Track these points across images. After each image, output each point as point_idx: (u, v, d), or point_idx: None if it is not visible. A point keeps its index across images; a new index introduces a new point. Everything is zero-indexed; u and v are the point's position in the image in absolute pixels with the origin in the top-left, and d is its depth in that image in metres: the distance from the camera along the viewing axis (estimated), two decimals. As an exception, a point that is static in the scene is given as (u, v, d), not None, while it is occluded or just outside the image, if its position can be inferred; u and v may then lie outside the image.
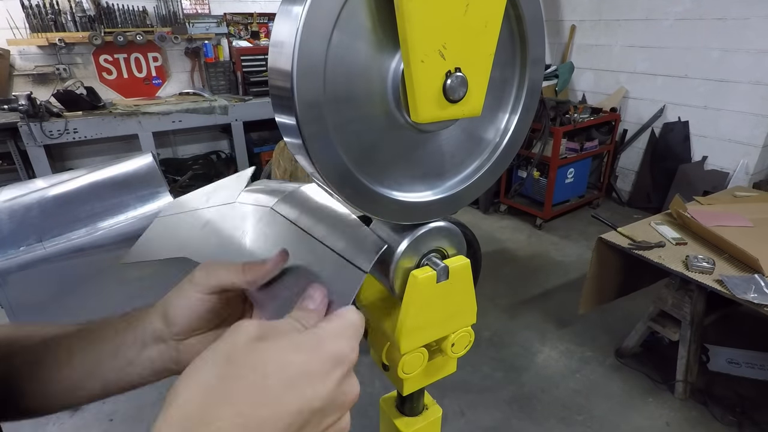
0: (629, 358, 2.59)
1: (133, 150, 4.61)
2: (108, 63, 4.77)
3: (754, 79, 3.60)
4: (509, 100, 0.81)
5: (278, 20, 0.60)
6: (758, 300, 1.82)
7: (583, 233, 4.10)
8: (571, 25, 4.87)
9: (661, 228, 2.43)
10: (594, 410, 2.28)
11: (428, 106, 0.63)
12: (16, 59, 4.38)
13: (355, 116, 0.65)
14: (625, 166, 4.76)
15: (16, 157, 4.04)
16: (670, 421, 2.21)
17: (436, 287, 0.80)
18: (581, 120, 4.12)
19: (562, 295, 3.22)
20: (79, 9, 4.37)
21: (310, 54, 0.56)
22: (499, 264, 3.65)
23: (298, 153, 0.66)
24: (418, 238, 0.81)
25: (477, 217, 4.53)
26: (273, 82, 0.62)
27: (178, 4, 4.78)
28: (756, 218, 2.38)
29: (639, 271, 2.51)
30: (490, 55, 0.66)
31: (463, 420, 2.24)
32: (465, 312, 0.89)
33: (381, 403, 1.12)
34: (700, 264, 2.05)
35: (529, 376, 2.50)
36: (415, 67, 0.60)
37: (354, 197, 0.70)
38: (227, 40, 5.20)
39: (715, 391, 2.34)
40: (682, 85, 4.09)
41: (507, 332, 2.85)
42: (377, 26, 0.61)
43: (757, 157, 3.71)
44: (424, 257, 0.83)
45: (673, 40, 4.06)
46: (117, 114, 4.20)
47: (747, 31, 3.57)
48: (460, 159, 0.81)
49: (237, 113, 4.73)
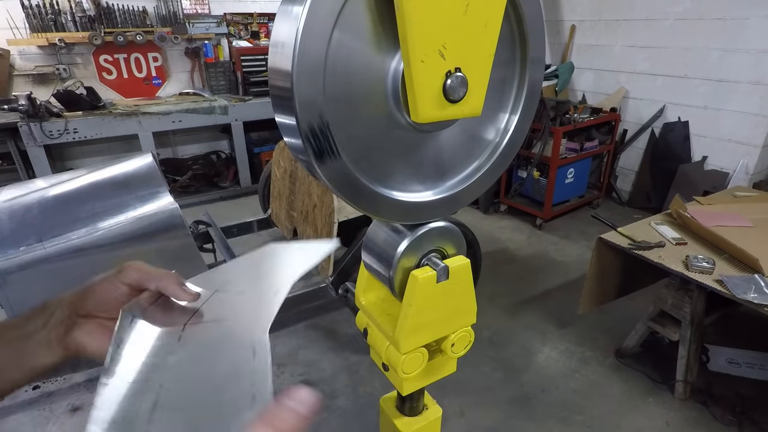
0: (629, 358, 2.59)
1: (133, 150, 4.61)
2: (108, 63, 4.77)
3: (754, 79, 3.60)
4: (509, 100, 0.81)
5: (278, 20, 0.60)
6: (758, 300, 1.82)
7: (583, 233, 4.10)
8: (571, 25, 4.87)
9: (661, 228, 2.43)
10: (594, 410, 2.28)
11: (428, 106, 0.63)
12: (16, 59, 4.39)
13: (354, 116, 0.65)
14: (625, 166, 4.76)
15: (16, 157, 4.04)
16: (670, 421, 2.21)
17: (436, 287, 0.80)
18: (581, 120, 4.12)
19: (562, 295, 3.22)
20: (79, 9, 4.38)
21: (310, 54, 0.56)
22: (499, 264, 3.65)
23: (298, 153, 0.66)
24: (418, 238, 0.81)
25: (477, 217, 4.53)
26: (273, 82, 0.62)
27: (178, 4, 4.78)
28: (756, 218, 2.38)
29: (639, 271, 2.51)
30: (490, 55, 0.66)
31: (463, 420, 2.24)
32: (465, 312, 0.89)
33: (381, 403, 1.13)
34: (700, 264, 2.05)
35: (529, 376, 2.50)
36: (415, 67, 0.60)
37: (354, 197, 0.71)
38: (227, 40, 5.21)
39: (715, 391, 2.34)
40: (682, 85, 4.09)
41: (507, 332, 2.85)
42: (377, 26, 0.61)
43: (757, 157, 3.71)
44: (424, 257, 0.84)
45: (673, 40, 4.06)
46: (117, 114, 4.20)
47: (747, 31, 3.57)
48: (460, 159, 0.82)
49: (237, 113, 4.73)
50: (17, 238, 1.90)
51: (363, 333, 0.98)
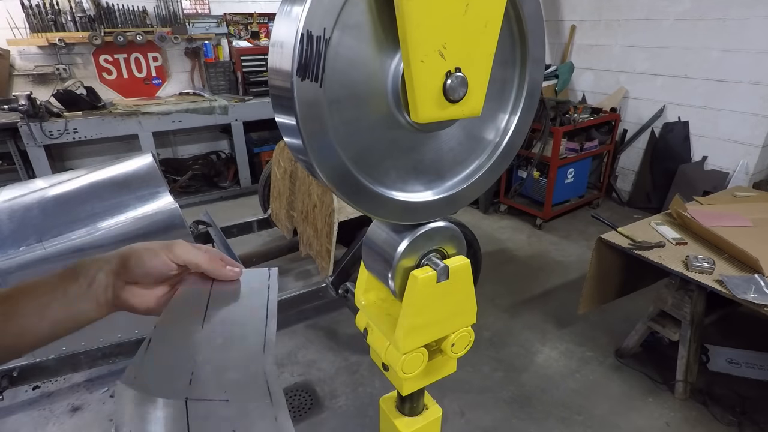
0: (629, 358, 2.59)
1: (133, 150, 4.61)
2: (108, 63, 4.77)
3: (753, 79, 3.60)
4: (509, 100, 0.81)
5: (278, 20, 0.60)
6: (758, 300, 1.82)
7: (583, 233, 4.10)
8: (571, 25, 4.87)
9: (661, 228, 2.43)
10: (594, 410, 2.28)
11: (428, 106, 0.63)
12: (16, 59, 4.39)
13: (354, 116, 0.65)
14: (625, 166, 4.76)
15: (16, 157, 4.04)
16: (670, 421, 2.21)
17: (436, 287, 0.80)
18: (581, 120, 4.12)
19: (562, 295, 3.22)
20: (79, 9, 4.38)
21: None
22: (499, 264, 3.65)
23: (298, 153, 0.66)
24: (418, 238, 0.81)
25: (477, 217, 4.53)
26: (273, 82, 0.62)
27: (178, 4, 4.78)
28: (756, 218, 2.38)
29: (639, 271, 2.51)
30: (490, 55, 0.66)
31: (463, 420, 2.24)
32: (465, 312, 0.89)
33: (381, 403, 1.12)
34: (700, 264, 2.05)
35: (529, 376, 2.51)
36: (415, 67, 0.60)
37: (354, 197, 0.71)
38: (227, 40, 5.21)
39: (715, 391, 2.34)
40: (681, 85, 4.09)
41: (507, 332, 2.85)
42: (377, 26, 0.61)
43: (756, 157, 3.71)
44: (424, 257, 0.83)
45: (673, 40, 4.06)
46: (117, 114, 4.20)
47: (747, 31, 3.58)
48: (460, 159, 0.81)
49: (237, 113, 4.73)
50: (17, 238, 1.90)
51: (363, 333, 0.98)
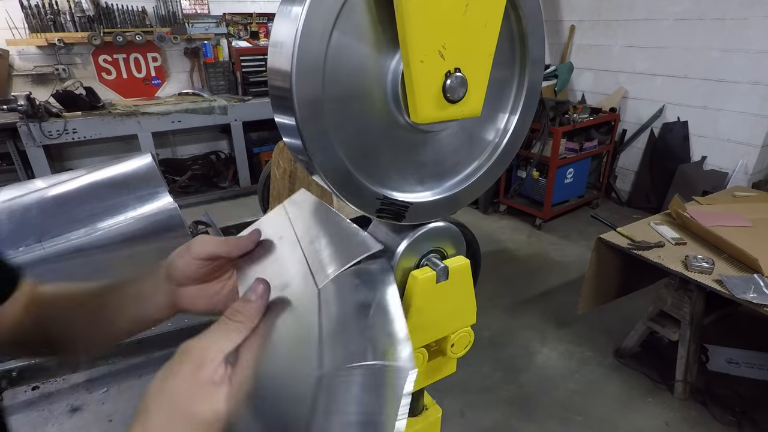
0: (629, 358, 2.59)
1: (133, 150, 4.61)
2: (107, 63, 4.76)
3: (753, 79, 3.61)
4: (509, 100, 0.81)
5: (278, 20, 0.60)
6: (757, 300, 1.82)
7: (582, 233, 4.10)
8: (570, 25, 4.88)
9: (660, 228, 2.43)
10: (593, 410, 2.28)
11: (428, 106, 0.63)
12: (15, 59, 4.38)
13: (354, 116, 0.65)
14: (624, 166, 4.76)
15: (16, 157, 4.04)
16: (670, 421, 2.21)
17: (435, 287, 0.80)
18: (581, 120, 4.12)
19: (561, 295, 3.22)
20: (78, 9, 4.37)
21: (310, 54, 0.56)
22: (498, 264, 3.65)
23: (297, 153, 0.66)
24: (418, 238, 0.81)
25: (476, 217, 4.53)
26: (272, 82, 0.62)
27: (177, 5, 4.78)
28: (755, 218, 2.38)
29: (638, 271, 2.51)
30: (490, 55, 0.66)
31: (463, 420, 2.24)
32: (465, 312, 0.88)
33: (381, 404, 1.12)
34: (700, 264, 2.05)
35: (528, 377, 2.50)
36: (414, 68, 0.60)
37: (354, 197, 0.70)
38: (226, 41, 5.20)
39: (715, 391, 2.34)
40: (681, 86, 4.09)
41: (507, 332, 2.85)
42: (377, 26, 0.61)
43: (756, 157, 3.71)
44: (423, 257, 0.83)
45: (673, 40, 4.06)
46: (116, 114, 4.20)
47: (746, 31, 3.58)
48: (459, 159, 0.81)
49: (236, 113, 4.73)
50: (16, 239, 1.90)
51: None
